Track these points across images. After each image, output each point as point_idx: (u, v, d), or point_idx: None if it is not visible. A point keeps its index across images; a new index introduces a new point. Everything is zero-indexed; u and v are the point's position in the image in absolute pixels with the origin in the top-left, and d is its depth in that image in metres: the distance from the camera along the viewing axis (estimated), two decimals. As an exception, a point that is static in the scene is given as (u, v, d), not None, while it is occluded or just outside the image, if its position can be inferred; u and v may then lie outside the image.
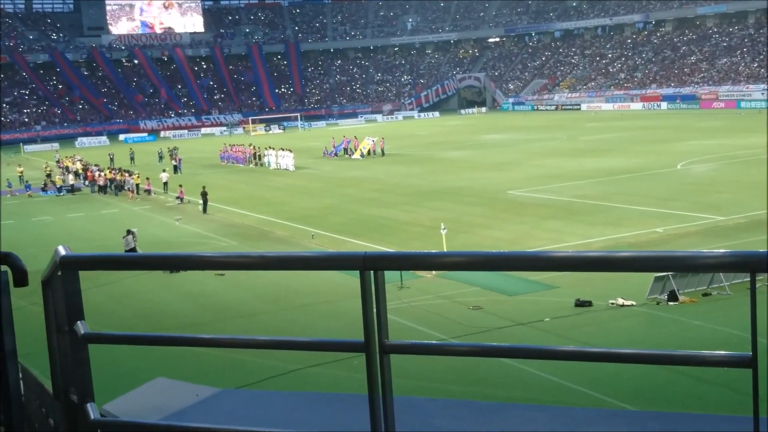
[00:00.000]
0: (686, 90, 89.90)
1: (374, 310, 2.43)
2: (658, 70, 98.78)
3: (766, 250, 2.06)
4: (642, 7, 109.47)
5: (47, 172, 50.17)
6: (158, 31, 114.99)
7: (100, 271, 10.80)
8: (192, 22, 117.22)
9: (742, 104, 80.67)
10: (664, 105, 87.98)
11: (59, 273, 2.78)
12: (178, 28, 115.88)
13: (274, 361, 14.80)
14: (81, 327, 2.79)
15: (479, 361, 13.69)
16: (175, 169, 50.44)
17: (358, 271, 2.41)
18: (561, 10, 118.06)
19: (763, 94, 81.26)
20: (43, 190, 45.76)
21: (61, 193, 45.02)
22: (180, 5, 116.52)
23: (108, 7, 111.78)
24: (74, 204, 41.19)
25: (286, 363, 14.69)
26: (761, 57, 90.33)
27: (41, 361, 3.27)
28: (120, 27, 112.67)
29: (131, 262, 3.41)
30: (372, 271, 2.42)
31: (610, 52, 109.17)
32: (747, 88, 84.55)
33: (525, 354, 3.22)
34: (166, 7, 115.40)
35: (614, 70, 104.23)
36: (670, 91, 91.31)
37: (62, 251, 2.77)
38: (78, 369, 2.83)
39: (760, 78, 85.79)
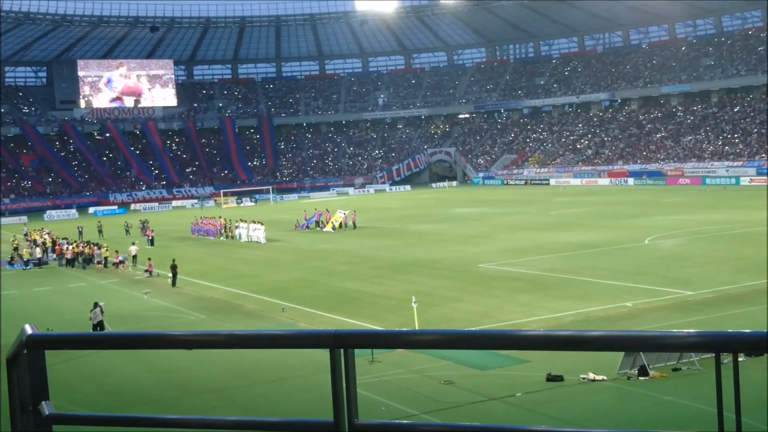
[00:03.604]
0: (652, 166, 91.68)
1: (344, 388, 2.41)
2: (625, 147, 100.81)
3: (731, 330, 2.09)
4: (608, 85, 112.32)
5: (14, 246, 49.48)
6: (131, 105, 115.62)
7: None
8: (165, 96, 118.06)
9: (708, 181, 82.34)
10: (630, 181, 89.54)
11: (25, 352, 2.74)
12: (151, 103, 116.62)
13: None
14: (45, 407, 2.74)
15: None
16: (152, 242, 50.04)
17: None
18: (529, 87, 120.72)
19: (727, 170, 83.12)
20: (10, 263, 45.05)
21: (28, 267, 44.35)
22: (154, 80, 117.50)
23: (81, 81, 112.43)
24: (41, 277, 40.58)
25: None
26: (725, 135, 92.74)
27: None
28: (92, 101, 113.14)
29: (98, 341, 3.36)
30: (342, 349, 2.41)
31: (577, 128, 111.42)
32: (712, 164, 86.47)
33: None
34: (139, 82, 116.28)
35: (582, 146, 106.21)
36: (636, 167, 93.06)
37: (29, 330, 2.73)
38: (41, 451, 2.76)
39: (725, 155, 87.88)
